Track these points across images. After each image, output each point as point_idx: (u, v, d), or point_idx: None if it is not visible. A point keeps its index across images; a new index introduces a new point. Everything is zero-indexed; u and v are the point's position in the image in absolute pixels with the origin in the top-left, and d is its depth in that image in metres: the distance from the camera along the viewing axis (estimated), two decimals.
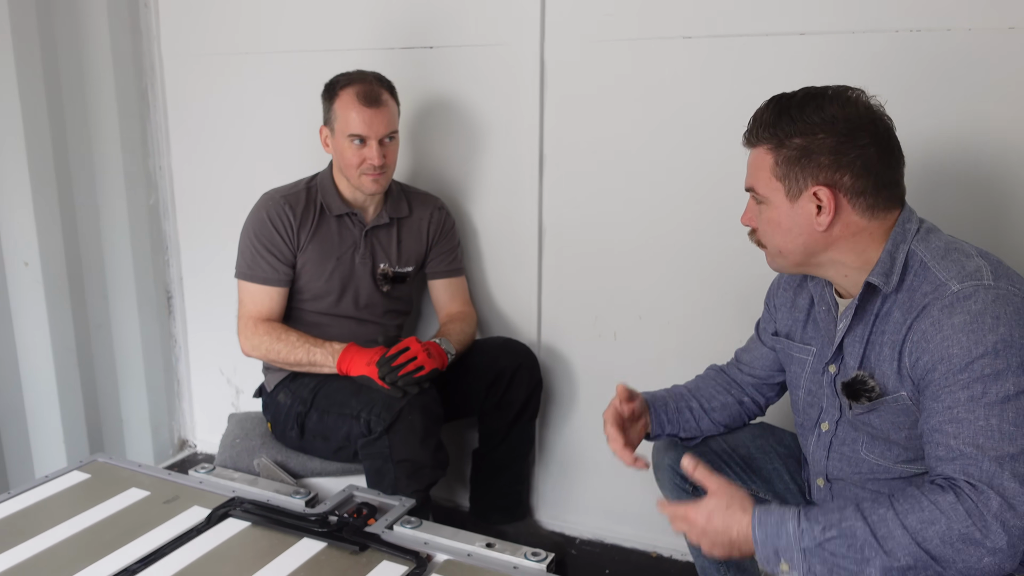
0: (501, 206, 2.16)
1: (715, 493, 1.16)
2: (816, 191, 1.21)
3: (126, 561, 1.44)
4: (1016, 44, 1.61)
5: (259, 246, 1.90)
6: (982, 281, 1.12)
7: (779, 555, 1.11)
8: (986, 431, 1.05)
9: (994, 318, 1.08)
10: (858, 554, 1.06)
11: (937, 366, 1.11)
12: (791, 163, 1.22)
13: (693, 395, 1.59)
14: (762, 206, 1.29)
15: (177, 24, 2.49)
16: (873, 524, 1.06)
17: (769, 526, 1.11)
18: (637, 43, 1.92)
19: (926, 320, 1.13)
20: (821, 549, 1.08)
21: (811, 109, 1.20)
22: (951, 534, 1.02)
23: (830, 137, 1.19)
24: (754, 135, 1.28)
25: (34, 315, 2.21)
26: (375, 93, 1.82)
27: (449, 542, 1.53)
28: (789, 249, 1.27)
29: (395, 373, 1.72)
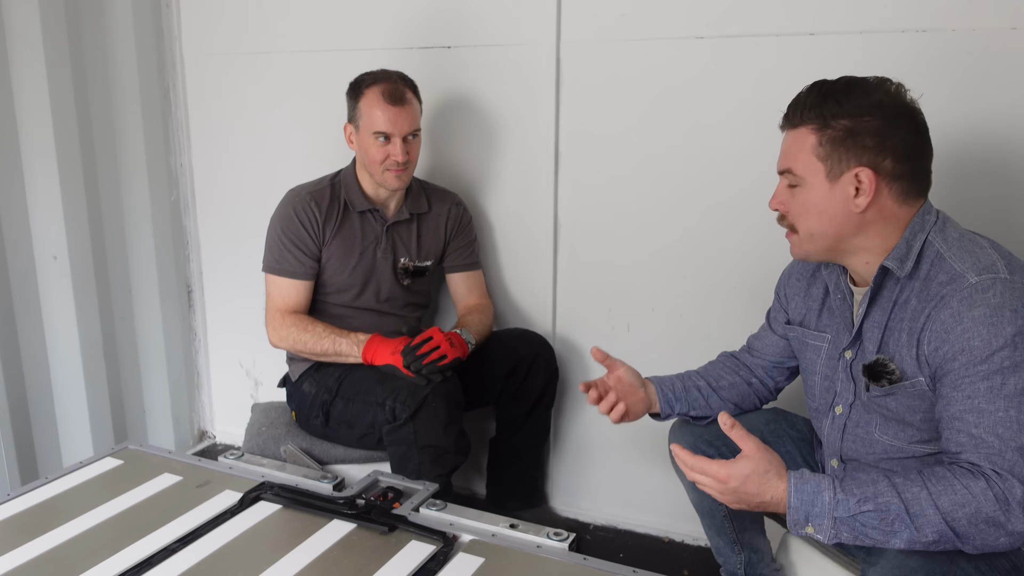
0: (517, 202, 2.22)
1: (751, 456, 1.19)
2: (858, 172, 1.24)
3: (165, 541, 1.51)
4: (1019, 43, 1.67)
5: (286, 241, 1.96)
6: (999, 274, 1.17)
7: (808, 519, 1.16)
8: (1006, 422, 1.11)
9: (1012, 311, 1.13)
10: (888, 527, 1.12)
11: (957, 356, 1.16)
12: (835, 144, 1.25)
13: (700, 375, 1.65)
14: (796, 189, 1.31)
15: (197, 24, 2.55)
16: (907, 501, 1.12)
17: (805, 493, 1.15)
18: (651, 43, 1.98)
19: (945, 311, 1.18)
20: (854, 520, 1.13)
21: (857, 94, 1.24)
22: (979, 516, 1.09)
23: (876, 120, 1.23)
24: (797, 116, 1.30)
25: (62, 307, 2.27)
26: (399, 92, 1.88)
27: (474, 523, 1.60)
28: (822, 232, 1.30)
29: (419, 362, 1.78)
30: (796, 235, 1.36)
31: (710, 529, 1.63)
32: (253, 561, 1.45)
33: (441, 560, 1.46)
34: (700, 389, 1.62)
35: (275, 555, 1.47)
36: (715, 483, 1.21)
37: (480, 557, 1.47)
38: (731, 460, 1.20)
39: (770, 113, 1.86)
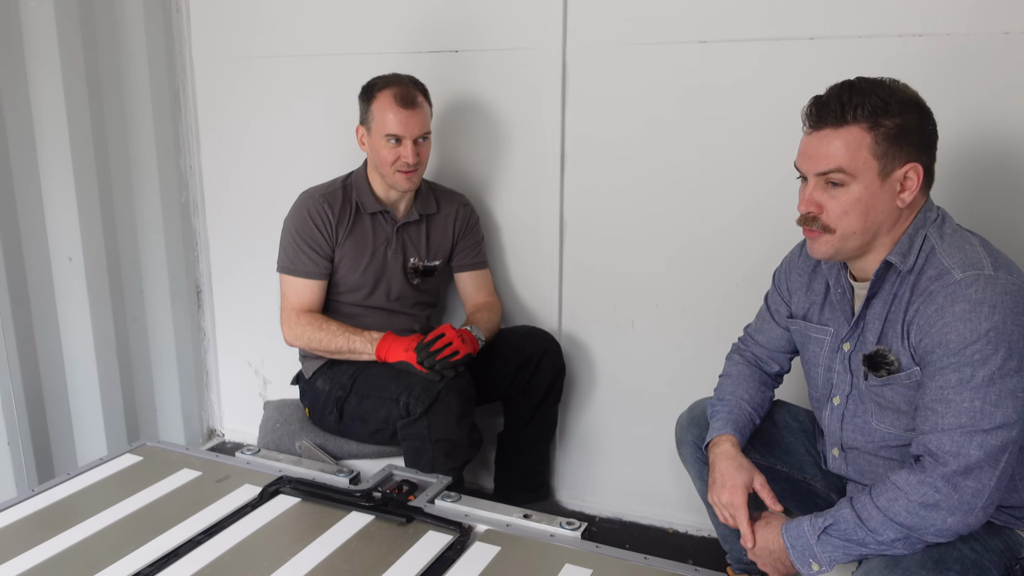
0: (523, 202, 2.27)
1: (759, 521, 1.42)
2: (909, 168, 1.27)
3: (190, 533, 1.56)
4: (1012, 47, 1.73)
5: (300, 242, 2.01)
6: (983, 271, 1.23)
7: (806, 556, 1.29)
8: (969, 412, 1.18)
9: (991, 306, 1.19)
10: (854, 536, 1.25)
11: (935, 349, 1.23)
12: (890, 141, 1.26)
13: (750, 405, 1.60)
14: (839, 188, 1.30)
15: (207, 29, 2.60)
16: (857, 509, 1.25)
17: (792, 532, 1.32)
18: (655, 47, 2.04)
19: (931, 306, 1.24)
20: (827, 536, 1.27)
21: (891, 90, 1.27)
22: (912, 505, 1.19)
23: (915, 117, 1.27)
24: (840, 114, 1.28)
25: (77, 308, 2.32)
26: (411, 95, 1.93)
27: (488, 514, 1.65)
28: (864, 229, 1.30)
29: (433, 358, 1.83)
30: (830, 235, 1.33)
31: (715, 517, 1.68)
32: (277, 552, 1.50)
33: (459, 549, 1.52)
34: (753, 422, 1.60)
35: (298, 546, 1.52)
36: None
37: (496, 546, 1.52)
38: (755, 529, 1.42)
39: (773, 115, 1.94)
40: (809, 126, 1.35)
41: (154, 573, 1.44)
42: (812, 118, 1.33)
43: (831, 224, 1.33)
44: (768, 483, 1.46)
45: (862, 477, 1.45)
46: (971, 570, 1.20)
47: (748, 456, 1.59)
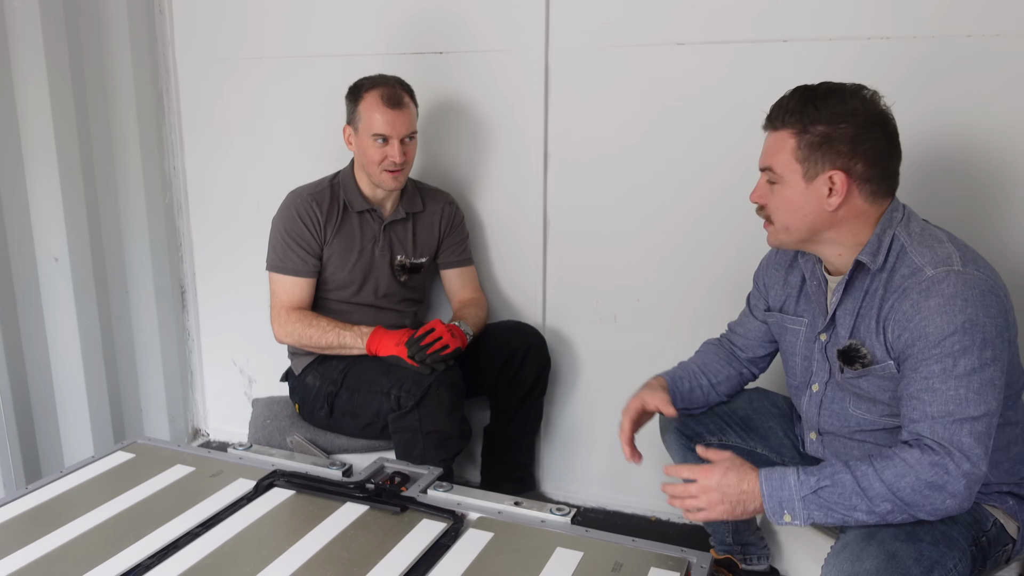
0: (507, 200, 2.32)
1: (725, 458, 1.38)
2: (832, 175, 1.36)
3: (188, 526, 1.59)
4: (974, 49, 1.82)
5: (289, 240, 2.04)
6: (952, 267, 1.31)
7: (782, 506, 1.30)
8: (955, 399, 1.25)
9: (963, 300, 1.27)
10: (847, 501, 1.27)
11: (916, 342, 1.30)
12: (813, 148, 1.36)
13: (703, 372, 1.74)
14: (775, 185, 1.43)
15: (190, 30, 2.61)
16: (858, 478, 1.27)
17: (774, 480, 1.32)
18: (634, 49, 2.10)
19: (907, 302, 1.32)
20: (816, 496, 1.28)
21: (834, 100, 1.36)
22: (919, 483, 1.24)
23: (850, 128, 1.35)
24: (779, 119, 1.41)
25: (63, 308, 2.32)
26: (398, 96, 1.98)
27: (480, 502, 1.70)
28: (797, 226, 1.42)
29: (424, 352, 1.88)
30: (772, 226, 1.48)
31: None
32: (275, 542, 1.54)
33: (453, 536, 1.56)
34: (702, 388, 1.72)
35: (295, 536, 1.55)
36: (700, 487, 1.38)
37: (489, 532, 1.57)
38: (705, 464, 1.39)
39: (748, 115, 1.99)
40: (763, 125, 1.48)
41: (154, 565, 1.46)
42: (766, 118, 1.47)
43: (772, 217, 1.47)
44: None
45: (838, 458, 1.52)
46: (941, 541, 1.27)
47: (728, 439, 1.67)
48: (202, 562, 1.47)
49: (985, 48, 1.81)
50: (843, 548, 1.28)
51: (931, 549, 1.25)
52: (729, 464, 1.37)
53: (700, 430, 1.70)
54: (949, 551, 1.27)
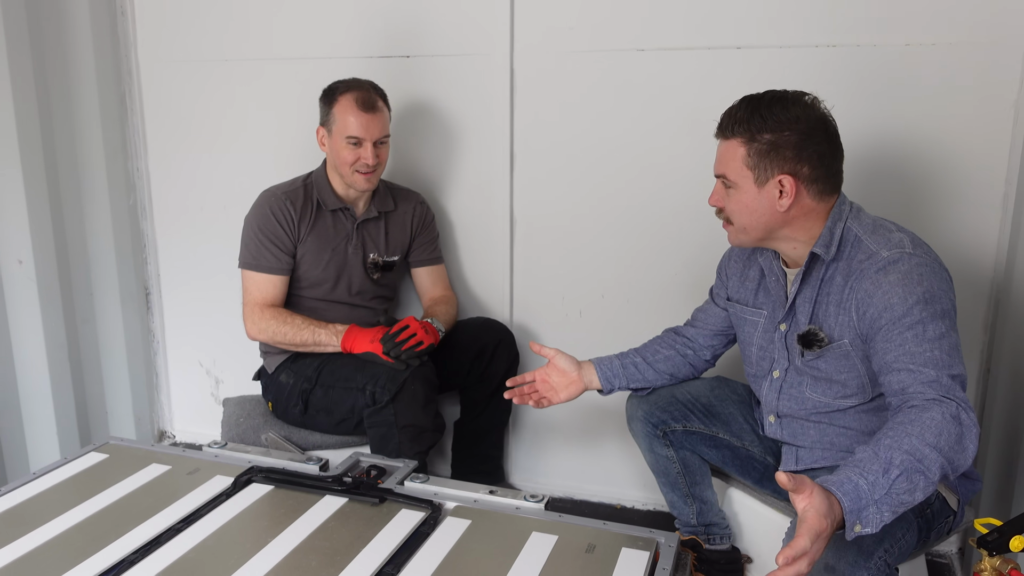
0: (475, 200, 2.39)
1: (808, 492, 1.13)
2: (781, 179, 1.47)
3: (168, 522, 1.60)
4: (912, 58, 1.95)
5: (263, 238, 2.07)
6: (904, 249, 1.43)
7: (858, 518, 1.16)
8: (936, 361, 1.32)
9: (919, 275, 1.38)
10: (912, 484, 1.18)
11: (882, 314, 1.39)
12: (761, 155, 1.47)
13: (637, 352, 1.86)
14: (731, 190, 1.53)
15: (153, 31, 2.61)
16: (910, 452, 1.19)
17: (848, 492, 1.15)
18: (596, 54, 2.19)
19: (866, 281, 1.42)
20: (889, 495, 1.17)
21: (778, 109, 1.46)
22: (951, 439, 1.22)
23: (794, 135, 1.45)
24: (729, 129, 1.51)
25: (28, 311, 2.31)
26: (372, 100, 2.02)
27: (456, 492, 1.75)
28: (753, 226, 1.53)
29: (399, 348, 1.93)
30: (732, 227, 1.58)
31: (665, 486, 1.84)
32: (256, 535, 1.56)
33: (432, 524, 1.61)
34: (636, 365, 1.83)
35: (276, 529, 1.58)
36: (823, 541, 1.13)
37: (467, 520, 1.63)
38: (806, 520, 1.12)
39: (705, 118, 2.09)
40: (715, 134, 1.58)
41: (138, 560, 1.48)
42: (717, 127, 1.56)
43: (731, 218, 1.57)
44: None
45: (795, 439, 1.63)
46: None
47: (692, 426, 1.77)
48: (185, 556, 1.49)
49: (922, 56, 1.95)
50: None
51: None
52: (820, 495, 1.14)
53: (665, 417, 1.79)
54: (898, 522, 1.36)
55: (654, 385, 1.84)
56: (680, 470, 1.80)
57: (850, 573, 1.28)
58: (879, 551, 1.31)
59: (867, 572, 1.29)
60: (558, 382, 1.84)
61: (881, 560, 1.31)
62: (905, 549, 1.38)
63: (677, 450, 1.79)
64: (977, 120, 1.94)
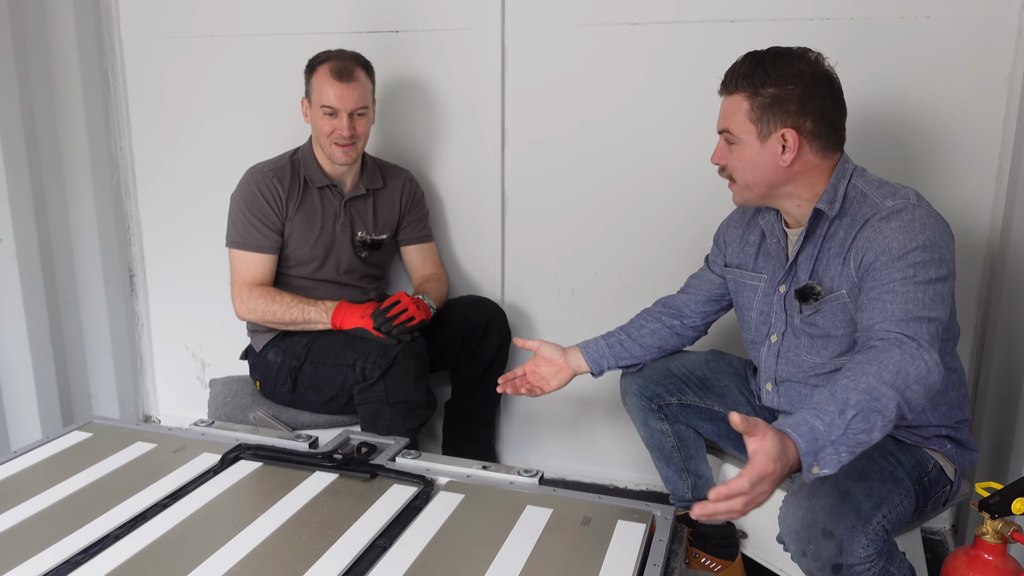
0: (466, 178, 2.36)
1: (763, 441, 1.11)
2: (784, 133, 1.45)
3: (154, 498, 1.57)
4: (906, 29, 1.94)
5: (251, 216, 2.03)
6: (909, 200, 1.42)
7: (816, 458, 1.14)
8: (914, 300, 1.32)
9: (921, 224, 1.37)
10: (868, 424, 1.17)
11: (879, 257, 1.38)
12: (764, 109, 1.45)
13: (622, 330, 1.84)
14: (733, 146, 1.52)
15: (136, 7, 2.56)
16: (866, 392, 1.18)
17: (804, 434, 1.14)
18: (589, 28, 2.16)
19: (869, 229, 1.42)
20: (845, 435, 1.15)
21: (782, 63, 1.45)
22: (910, 378, 1.22)
23: (798, 88, 1.44)
24: (732, 84, 1.50)
25: (9, 290, 2.27)
26: (348, 69, 1.98)
27: (449, 467, 1.73)
28: (756, 182, 1.51)
29: (389, 323, 1.90)
30: (736, 184, 1.56)
31: (659, 460, 1.82)
32: (245, 510, 1.53)
33: (424, 498, 1.59)
34: (622, 343, 1.81)
35: (265, 504, 1.55)
36: (768, 484, 1.12)
37: (460, 494, 1.60)
38: (753, 462, 1.11)
39: (698, 93, 2.09)
40: (719, 91, 1.55)
41: (124, 535, 1.44)
42: (720, 83, 1.54)
43: (734, 175, 1.55)
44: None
45: (792, 407, 1.61)
46: (889, 479, 1.36)
47: (687, 399, 1.75)
48: (172, 531, 1.46)
49: (916, 29, 1.94)
50: (799, 489, 1.36)
51: (880, 487, 1.34)
52: (771, 449, 1.11)
53: (659, 391, 1.77)
54: (896, 488, 1.36)
55: (643, 360, 1.82)
56: (675, 444, 1.78)
57: (848, 537, 1.27)
58: (877, 516, 1.30)
59: (866, 537, 1.27)
60: (547, 372, 1.82)
61: (879, 526, 1.30)
62: (903, 516, 1.37)
63: (672, 424, 1.77)
64: (971, 93, 1.93)
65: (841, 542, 1.26)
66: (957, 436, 1.53)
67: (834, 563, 1.27)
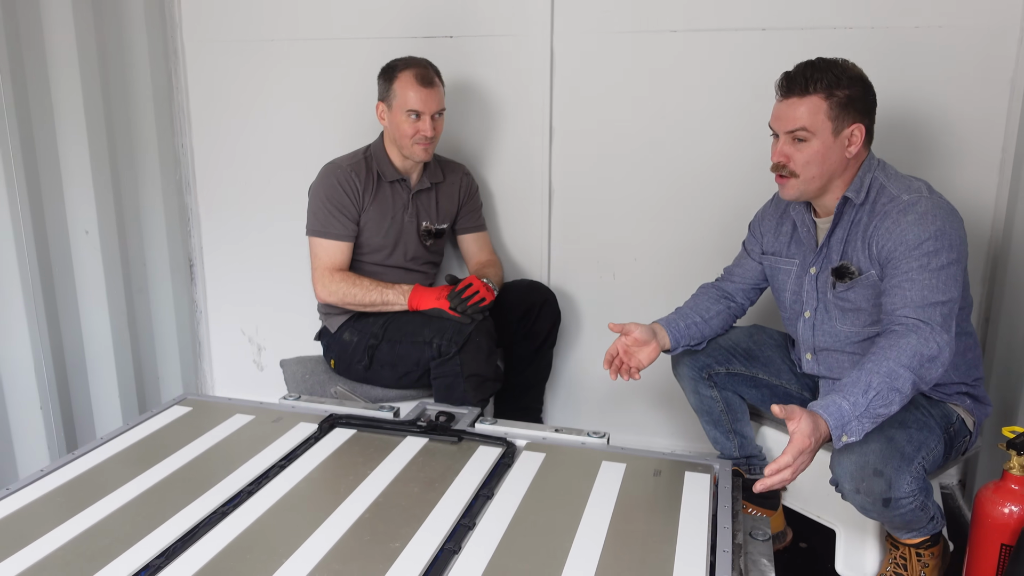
0: (515, 172, 2.56)
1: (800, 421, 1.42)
2: (854, 128, 1.67)
3: (272, 460, 1.76)
4: (920, 38, 2.18)
5: (331, 207, 2.22)
6: (922, 193, 1.66)
7: (843, 430, 1.45)
8: (928, 287, 1.57)
9: (933, 216, 1.61)
10: (887, 399, 1.46)
11: (897, 247, 1.62)
12: (842, 107, 1.66)
13: (694, 310, 2.03)
14: (803, 143, 1.69)
15: (198, 12, 2.72)
16: (886, 375, 1.47)
17: (832, 414, 1.45)
18: (632, 35, 2.37)
19: (888, 220, 1.65)
20: (868, 411, 1.45)
21: (840, 69, 1.67)
22: (924, 358, 1.50)
23: (861, 88, 1.67)
24: (804, 87, 1.67)
25: (94, 280, 2.43)
26: (429, 76, 2.18)
27: (525, 431, 1.94)
28: (821, 175, 1.71)
29: (464, 303, 2.11)
30: (796, 179, 1.72)
31: (708, 424, 2.04)
32: (354, 470, 1.72)
33: (510, 457, 1.80)
34: (697, 325, 1.99)
35: (370, 465, 1.75)
36: (807, 455, 1.43)
37: (541, 453, 1.81)
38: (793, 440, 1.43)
39: (731, 93, 2.32)
40: (780, 95, 1.73)
41: (255, 491, 1.63)
42: (783, 88, 1.73)
43: (797, 171, 1.72)
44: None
45: (831, 372, 1.85)
46: (924, 427, 1.61)
47: (734, 368, 1.97)
48: (297, 487, 1.65)
49: (930, 37, 2.17)
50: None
51: (918, 433, 1.58)
52: (811, 428, 1.43)
53: (709, 361, 1.99)
54: (931, 435, 1.60)
55: (707, 339, 2.02)
56: (723, 408, 2.00)
57: (895, 475, 1.50)
58: (918, 457, 1.54)
59: (909, 475, 1.51)
60: (638, 351, 1.92)
61: (919, 466, 1.54)
62: (936, 459, 1.61)
63: (720, 391, 1.99)
64: (977, 94, 2.17)
65: (890, 479, 1.50)
66: (975, 392, 1.77)
67: (884, 497, 1.50)
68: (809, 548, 2.08)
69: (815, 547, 2.06)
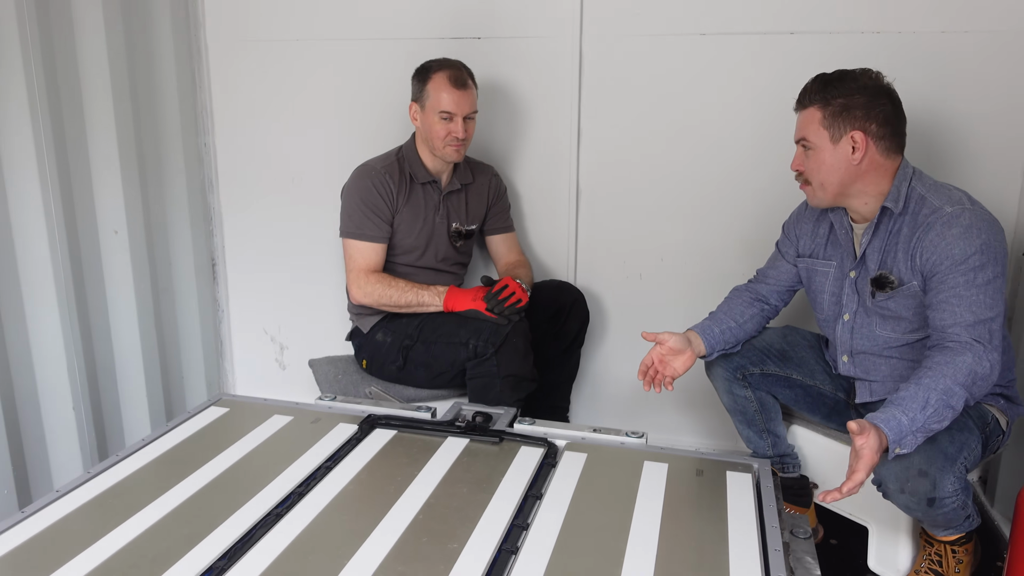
0: (542, 173, 2.59)
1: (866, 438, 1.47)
2: (853, 135, 1.71)
3: (318, 461, 1.77)
4: (947, 44, 2.21)
5: (366, 209, 2.23)
6: (965, 205, 1.68)
7: (900, 443, 1.51)
8: (976, 303, 1.60)
9: (978, 229, 1.64)
10: (941, 415, 1.52)
11: (943, 261, 1.65)
12: (835, 115, 1.71)
13: (728, 315, 2.05)
14: (809, 152, 1.76)
15: (220, 12, 2.72)
16: (943, 392, 1.52)
17: (892, 428, 1.50)
18: (661, 38, 2.39)
19: (932, 232, 1.68)
20: (925, 427, 1.51)
21: (848, 79, 1.72)
22: (977, 377, 1.55)
23: (862, 97, 1.70)
24: (806, 100, 1.76)
25: (123, 280, 2.43)
26: (463, 78, 2.20)
27: (564, 431, 1.96)
28: (830, 182, 1.75)
29: (501, 305, 2.13)
30: (810, 187, 1.81)
31: (741, 423, 2.08)
32: (401, 470, 1.73)
33: (553, 457, 1.82)
34: (731, 329, 2.01)
35: (417, 465, 1.76)
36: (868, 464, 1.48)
37: (582, 453, 1.83)
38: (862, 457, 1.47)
39: (759, 97, 2.35)
40: (794, 107, 1.82)
41: (305, 492, 1.64)
42: (796, 102, 1.81)
43: (810, 178, 1.80)
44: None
45: (867, 375, 1.88)
46: (964, 428, 1.65)
47: (768, 369, 2.00)
48: (347, 488, 1.66)
49: (956, 42, 2.20)
50: None
51: (959, 435, 1.62)
52: (876, 444, 1.49)
53: (743, 362, 2.02)
54: (971, 435, 1.64)
55: (741, 343, 2.05)
56: (757, 408, 2.04)
57: (940, 476, 1.54)
58: (960, 458, 1.58)
59: (952, 475, 1.55)
60: (673, 360, 1.95)
61: (961, 465, 1.58)
62: (976, 458, 1.66)
63: (754, 391, 2.03)
64: (1002, 100, 2.21)
65: (934, 480, 1.54)
66: (1009, 393, 1.81)
67: (929, 497, 1.54)
68: (840, 545, 2.12)
69: (846, 544, 2.11)
